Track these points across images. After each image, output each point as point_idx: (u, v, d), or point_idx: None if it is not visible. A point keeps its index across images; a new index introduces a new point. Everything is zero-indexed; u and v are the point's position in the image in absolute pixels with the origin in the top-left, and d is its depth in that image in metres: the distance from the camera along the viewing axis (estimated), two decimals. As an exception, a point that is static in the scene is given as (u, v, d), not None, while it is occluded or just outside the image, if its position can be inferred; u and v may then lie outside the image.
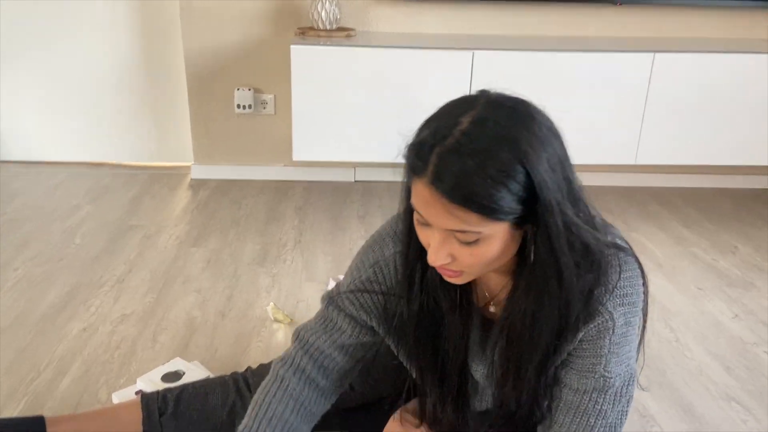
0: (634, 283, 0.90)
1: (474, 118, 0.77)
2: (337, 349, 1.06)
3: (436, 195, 0.77)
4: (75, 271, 2.03)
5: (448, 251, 0.82)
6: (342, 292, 1.05)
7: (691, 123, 2.54)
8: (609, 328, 0.88)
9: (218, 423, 1.27)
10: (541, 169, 0.76)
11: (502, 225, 0.79)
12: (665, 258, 2.25)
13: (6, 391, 1.46)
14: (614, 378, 0.91)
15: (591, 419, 0.93)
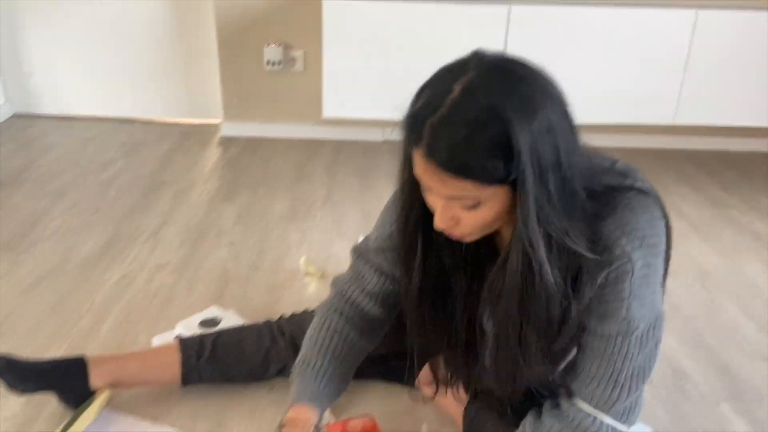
0: (654, 225, 0.89)
1: (465, 85, 0.77)
2: (368, 296, 1.11)
3: (432, 166, 0.79)
4: (111, 222, 2.06)
5: (451, 215, 0.85)
6: (369, 246, 1.10)
7: (733, 82, 2.46)
8: (628, 270, 0.87)
9: (253, 367, 1.30)
10: (522, 137, 0.76)
11: (499, 188, 0.80)
12: (701, 220, 2.21)
13: (49, 334, 1.50)
14: (638, 321, 0.89)
15: (618, 363, 0.91)
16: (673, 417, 1.31)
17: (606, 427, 0.93)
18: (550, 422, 0.97)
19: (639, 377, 0.92)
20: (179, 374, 1.27)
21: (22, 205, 2.15)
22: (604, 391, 0.93)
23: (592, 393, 0.94)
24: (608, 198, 0.87)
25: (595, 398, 0.94)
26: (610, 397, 0.93)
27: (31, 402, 1.28)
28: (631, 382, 0.92)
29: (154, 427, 1.23)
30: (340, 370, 1.09)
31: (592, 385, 0.93)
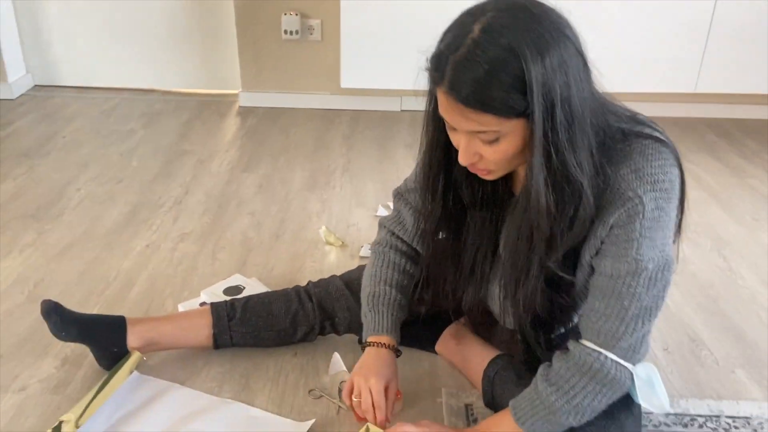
0: (667, 170, 0.92)
1: (483, 25, 0.83)
2: (408, 233, 1.23)
3: (453, 102, 0.86)
4: (134, 191, 2.10)
5: (474, 151, 0.91)
6: (406, 187, 1.22)
7: (755, 50, 2.42)
8: (639, 212, 0.90)
9: (281, 329, 1.34)
10: (535, 72, 0.81)
11: (517, 122, 0.86)
12: (721, 188, 2.21)
13: (80, 299, 1.55)
14: (647, 261, 0.92)
15: (625, 302, 0.94)
16: (687, 383, 1.33)
17: (610, 363, 0.97)
18: (558, 365, 1.02)
19: (645, 316, 0.96)
20: (211, 336, 1.32)
21: (48, 175, 2.20)
22: (609, 328, 0.96)
23: (598, 330, 0.97)
24: (626, 143, 0.93)
25: (601, 335, 0.97)
26: (615, 334, 0.96)
27: (66, 364, 1.34)
28: (637, 320, 0.95)
29: (182, 390, 1.28)
30: (403, 298, 1.22)
31: (600, 323, 0.97)
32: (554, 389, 1.00)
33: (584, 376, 0.98)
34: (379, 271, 1.22)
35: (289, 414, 1.23)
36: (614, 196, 0.91)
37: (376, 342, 1.17)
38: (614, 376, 0.97)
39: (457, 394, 1.28)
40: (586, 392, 0.98)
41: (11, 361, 1.35)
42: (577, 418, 1.00)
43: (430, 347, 1.38)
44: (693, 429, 1.21)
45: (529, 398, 1.03)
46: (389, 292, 1.20)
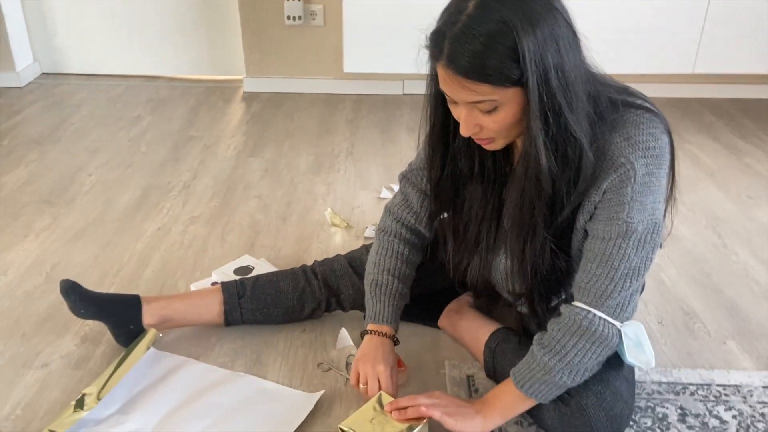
0: (657, 138, 0.98)
1: (477, 2, 0.90)
2: (415, 216, 1.27)
3: (452, 75, 0.91)
4: (144, 176, 2.15)
5: (475, 122, 0.97)
6: (412, 168, 1.26)
7: (754, 29, 2.44)
8: (631, 177, 0.96)
9: (289, 306, 1.40)
10: (527, 43, 0.87)
11: (514, 90, 0.91)
12: (718, 167, 2.25)
13: (96, 280, 1.61)
14: (637, 224, 0.98)
15: (615, 262, 1.00)
16: (680, 353, 1.39)
17: (599, 320, 1.03)
18: (551, 327, 1.07)
19: (633, 276, 1.01)
20: (222, 313, 1.38)
21: (59, 161, 2.25)
22: (599, 287, 1.02)
23: (588, 289, 1.03)
24: (618, 113, 0.98)
25: (591, 294, 1.03)
26: (604, 293, 1.02)
27: (86, 341, 1.40)
28: (625, 280, 1.01)
29: (197, 364, 1.34)
30: (404, 287, 1.26)
31: (590, 283, 1.03)
32: (547, 350, 1.06)
33: (574, 335, 1.04)
34: (383, 259, 1.26)
35: (299, 386, 1.29)
36: (607, 162, 0.97)
37: (377, 331, 1.23)
38: (602, 333, 1.03)
39: (460, 366, 1.34)
40: (576, 350, 1.04)
41: (33, 339, 1.41)
42: (571, 376, 1.05)
43: (433, 322, 1.44)
44: (685, 396, 1.27)
45: (527, 363, 1.09)
46: (391, 282, 1.24)
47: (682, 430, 1.19)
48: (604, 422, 1.08)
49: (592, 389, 1.08)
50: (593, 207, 1.01)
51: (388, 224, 1.29)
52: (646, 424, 1.20)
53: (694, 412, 1.23)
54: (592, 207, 1.01)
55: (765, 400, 1.26)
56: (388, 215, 1.30)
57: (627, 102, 1.01)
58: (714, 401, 1.26)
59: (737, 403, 1.25)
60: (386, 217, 1.31)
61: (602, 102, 0.98)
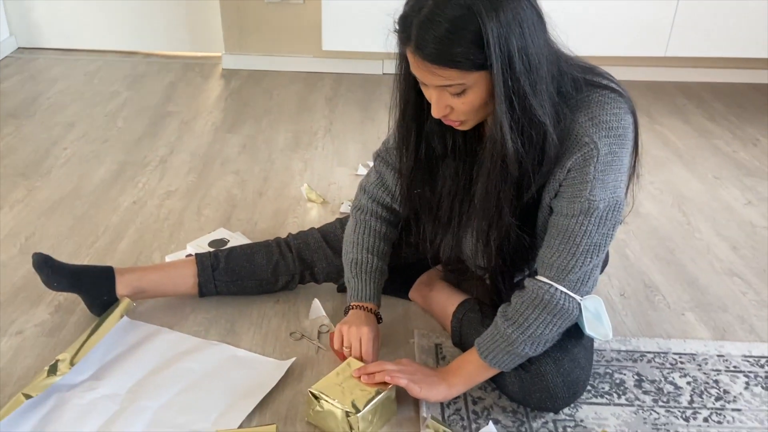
0: (621, 118, 1.01)
1: None
2: (390, 194, 1.29)
3: (420, 60, 0.94)
4: (120, 150, 2.15)
5: (445, 103, 0.99)
6: (387, 147, 1.27)
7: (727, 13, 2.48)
8: (594, 156, 0.99)
9: (263, 279, 1.42)
10: (491, 28, 0.89)
11: (480, 74, 0.93)
12: (686, 149, 2.30)
13: (70, 252, 1.62)
14: (599, 202, 1.02)
15: (577, 239, 1.04)
16: (640, 324, 1.44)
17: (560, 294, 1.07)
18: (515, 301, 1.11)
19: (593, 252, 1.05)
20: (196, 285, 1.40)
21: (35, 134, 2.24)
22: (561, 263, 1.06)
23: (551, 264, 1.07)
24: (584, 93, 1.01)
25: (553, 269, 1.07)
26: (566, 268, 1.06)
27: (60, 310, 1.42)
28: (586, 255, 1.05)
29: (170, 333, 1.36)
30: (384, 264, 1.30)
31: (553, 258, 1.06)
32: (511, 323, 1.10)
33: (536, 308, 1.08)
34: (361, 238, 1.29)
35: (271, 354, 1.32)
36: (571, 141, 1.00)
37: (360, 306, 1.26)
38: (563, 306, 1.07)
39: (428, 335, 1.38)
40: (538, 323, 1.08)
41: (8, 308, 1.42)
42: (533, 347, 1.10)
43: (404, 294, 1.47)
44: (642, 363, 1.32)
45: (491, 334, 1.13)
46: (371, 260, 1.27)
47: (638, 395, 1.24)
48: (561, 387, 1.12)
49: (551, 356, 1.13)
50: (558, 185, 1.05)
51: (363, 203, 1.32)
52: (603, 389, 1.25)
53: (650, 378, 1.28)
54: (557, 185, 1.05)
55: (719, 368, 1.32)
56: (363, 194, 1.32)
57: (591, 82, 1.03)
58: (670, 368, 1.31)
59: (692, 371, 1.31)
60: (361, 195, 1.33)
61: (566, 82, 1.01)
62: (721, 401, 1.24)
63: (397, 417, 1.17)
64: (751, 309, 1.50)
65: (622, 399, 1.23)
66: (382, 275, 1.30)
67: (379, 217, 1.30)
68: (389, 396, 1.15)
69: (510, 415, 1.18)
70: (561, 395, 1.13)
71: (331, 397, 1.10)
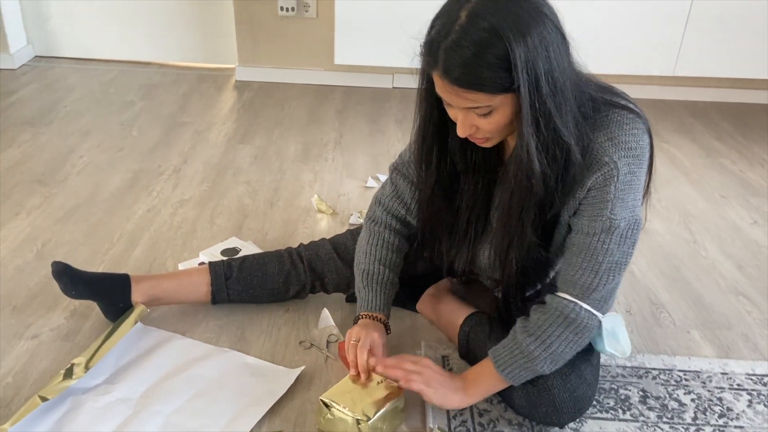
0: (639, 138, 1.04)
1: (469, 11, 0.92)
2: (405, 206, 1.31)
3: (448, 84, 0.95)
4: (135, 159, 2.19)
5: (471, 123, 1.01)
6: (403, 161, 1.29)
7: (735, 34, 2.51)
8: (614, 175, 1.02)
9: (274, 288, 1.45)
10: (519, 51, 0.90)
11: (506, 96, 0.95)
12: (693, 167, 2.32)
13: (86, 258, 1.66)
14: (620, 220, 1.04)
15: (599, 257, 1.06)
16: (645, 340, 1.46)
17: (585, 312, 1.09)
18: (536, 316, 1.12)
19: (615, 270, 1.08)
20: (209, 293, 1.42)
21: (51, 142, 2.28)
22: (585, 281, 1.08)
23: (575, 282, 1.09)
24: (603, 113, 1.03)
25: (577, 287, 1.09)
26: (590, 286, 1.08)
27: (75, 315, 1.45)
28: (608, 274, 1.07)
29: (183, 339, 1.39)
30: (395, 275, 1.31)
31: (576, 276, 1.08)
32: (533, 338, 1.11)
33: (560, 325, 1.09)
34: (374, 249, 1.31)
35: (281, 362, 1.34)
36: (592, 161, 1.02)
37: (370, 316, 1.27)
38: (586, 325, 1.09)
39: (435, 347, 1.40)
40: (561, 340, 1.09)
41: (24, 312, 1.45)
42: (551, 365, 1.11)
43: (412, 306, 1.50)
44: (647, 380, 1.33)
45: (509, 348, 1.14)
46: (382, 272, 1.29)
47: (642, 411, 1.26)
48: (567, 402, 1.14)
49: (558, 371, 1.14)
50: (578, 203, 1.07)
51: (378, 215, 1.33)
52: (608, 404, 1.27)
53: (654, 395, 1.30)
54: (577, 203, 1.07)
55: (723, 385, 1.33)
56: (378, 206, 1.34)
57: (610, 102, 1.05)
58: (674, 385, 1.32)
59: (696, 388, 1.32)
60: (376, 207, 1.34)
61: (585, 101, 1.03)
62: (724, 418, 1.25)
63: (404, 426, 1.19)
64: (756, 328, 1.51)
65: (626, 415, 1.24)
66: (393, 287, 1.31)
67: (393, 230, 1.32)
68: (398, 405, 1.17)
69: (516, 428, 1.20)
70: (567, 410, 1.15)
71: (341, 405, 1.12)
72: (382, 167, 2.22)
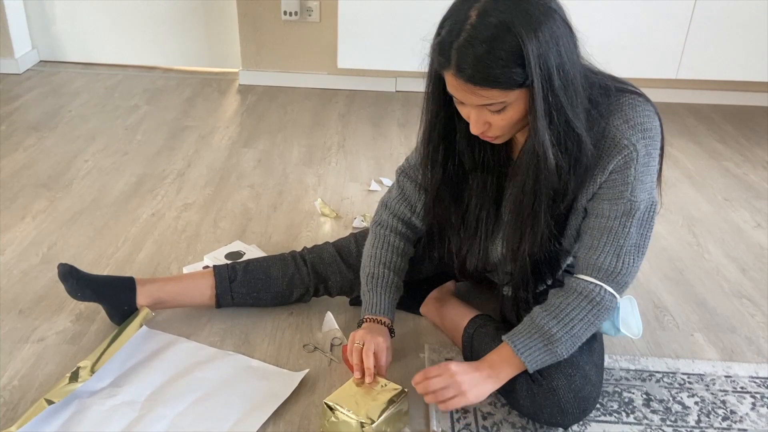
0: (652, 119, 1.06)
1: (479, 10, 0.94)
2: (411, 209, 1.31)
3: (462, 82, 0.96)
4: (140, 163, 2.20)
5: (484, 120, 1.02)
6: (410, 164, 1.30)
7: (738, 36, 2.52)
8: (634, 158, 1.04)
9: (278, 291, 1.46)
10: (531, 47, 0.92)
11: (520, 91, 0.96)
12: (696, 170, 2.32)
13: (91, 261, 1.67)
14: (639, 202, 1.07)
15: (620, 240, 1.08)
16: (649, 343, 1.46)
17: (608, 295, 1.11)
18: (557, 300, 1.13)
19: (636, 253, 1.10)
20: (213, 296, 1.43)
21: (57, 146, 2.30)
22: (609, 264, 1.10)
23: (596, 266, 1.11)
24: (614, 98, 1.05)
25: (601, 271, 1.10)
26: (614, 270, 1.10)
27: (80, 318, 1.45)
28: (630, 256, 1.10)
29: (187, 343, 1.40)
30: (399, 279, 1.32)
31: (600, 260, 1.10)
32: (556, 320, 1.12)
33: (584, 308, 1.11)
34: (379, 252, 1.31)
35: (285, 365, 1.35)
36: (610, 144, 1.04)
37: (374, 319, 1.28)
38: (608, 306, 1.11)
39: (439, 350, 1.40)
40: (583, 322, 1.11)
41: (30, 316, 1.46)
42: (570, 348, 1.12)
43: (416, 309, 1.50)
44: (651, 383, 1.33)
45: (527, 333, 1.13)
46: (387, 275, 1.30)
47: (646, 414, 1.26)
48: (572, 403, 1.14)
49: (563, 372, 1.15)
50: (597, 187, 1.08)
51: (384, 218, 1.34)
52: (612, 407, 1.27)
53: (658, 398, 1.30)
54: (597, 187, 1.08)
55: (726, 388, 1.33)
56: (385, 209, 1.34)
57: (620, 88, 1.08)
58: (678, 388, 1.33)
59: (700, 391, 1.32)
60: (382, 210, 1.35)
61: (595, 89, 1.05)
62: (728, 421, 1.25)
63: (407, 429, 1.19)
64: (759, 331, 1.51)
65: (630, 418, 1.25)
66: (398, 290, 1.32)
67: (398, 233, 1.33)
68: (402, 408, 1.17)
69: (519, 431, 1.20)
70: (571, 411, 1.15)
71: (346, 409, 1.13)
72: (385, 171, 2.22)
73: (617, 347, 1.43)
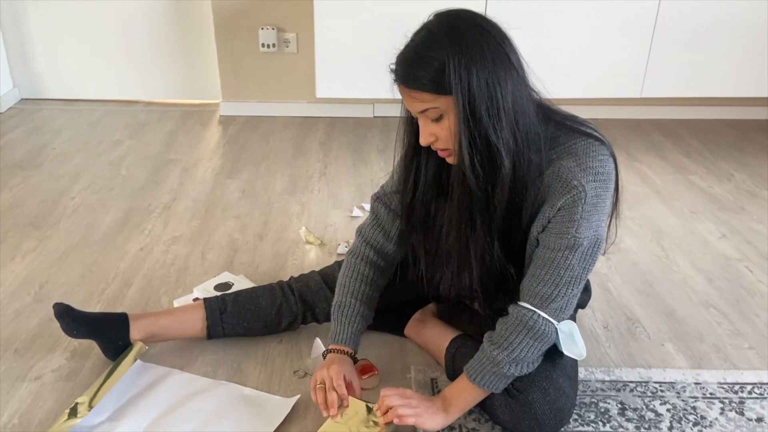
0: (605, 164, 1.13)
1: (424, 25, 1.08)
2: (385, 236, 1.36)
3: (401, 87, 1.08)
4: (125, 198, 2.25)
5: (430, 132, 1.10)
6: (385, 191, 1.35)
7: (700, 53, 2.63)
8: (582, 198, 1.11)
9: (268, 320, 1.51)
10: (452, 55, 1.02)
11: (449, 99, 1.04)
12: (664, 185, 2.43)
13: (82, 299, 1.71)
14: (583, 239, 1.14)
15: (561, 271, 1.16)
16: (622, 355, 1.53)
17: (542, 320, 1.18)
18: (499, 326, 1.22)
19: (574, 283, 1.17)
20: (205, 328, 1.48)
21: (42, 185, 2.34)
22: (545, 292, 1.17)
23: (535, 293, 1.17)
24: (570, 140, 1.13)
25: (537, 297, 1.18)
26: (549, 296, 1.17)
27: (75, 355, 1.49)
28: (568, 286, 1.17)
29: (181, 374, 1.44)
30: (366, 308, 1.36)
31: (538, 287, 1.17)
32: (496, 346, 1.20)
33: (520, 333, 1.18)
34: (348, 282, 1.36)
35: (277, 392, 1.40)
36: (562, 184, 1.12)
37: (337, 350, 1.33)
38: (544, 331, 1.18)
39: (424, 370, 1.46)
40: (522, 346, 1.18)
41: (25, 355, 1.50)
42: (517, 368, 1.20)
43: (400, 331, 1.56)
44: (625, 393, 1.41)
45: (478, 359, 1.23)
46: (353, 304, 1.34)
47: (621, 423, 1.33)
48: (548, 414, 1.21)
49: (537, 386, 1.22)
50: (547, 221, 1.16)
51: (357, 246, 1.39)
52: (589, 417, 1.34)
53: (632, 407, 1.37)
54: (546, 221, 1.16)
55: (696, 395, 1.41)
56: (359, 237, 1.39)
57: (577, 130, 1.15)
58: (651, 396, 1.40)
59: (671, 398, 1.40)
60: (357, 239, 1.40)
61: (551, 128, 1.13)
62: (699, 426, 1.33)
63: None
64: (726, 338, 1.60)
65: (606, 427, 1.32)
66: (363, 320, 1.36)
67: (369, 262, 1.37)
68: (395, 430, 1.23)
69: (502, 445, 1.26)
70: (548, 422, 1.22)
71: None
72: (366, 197, 2.29)
73: (592, 360, 1.51)
